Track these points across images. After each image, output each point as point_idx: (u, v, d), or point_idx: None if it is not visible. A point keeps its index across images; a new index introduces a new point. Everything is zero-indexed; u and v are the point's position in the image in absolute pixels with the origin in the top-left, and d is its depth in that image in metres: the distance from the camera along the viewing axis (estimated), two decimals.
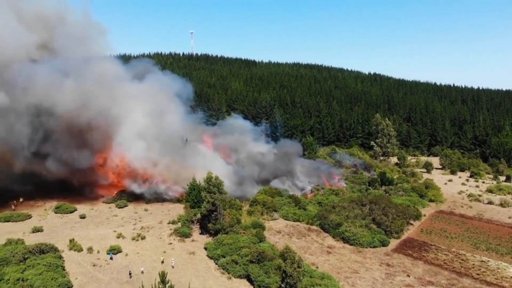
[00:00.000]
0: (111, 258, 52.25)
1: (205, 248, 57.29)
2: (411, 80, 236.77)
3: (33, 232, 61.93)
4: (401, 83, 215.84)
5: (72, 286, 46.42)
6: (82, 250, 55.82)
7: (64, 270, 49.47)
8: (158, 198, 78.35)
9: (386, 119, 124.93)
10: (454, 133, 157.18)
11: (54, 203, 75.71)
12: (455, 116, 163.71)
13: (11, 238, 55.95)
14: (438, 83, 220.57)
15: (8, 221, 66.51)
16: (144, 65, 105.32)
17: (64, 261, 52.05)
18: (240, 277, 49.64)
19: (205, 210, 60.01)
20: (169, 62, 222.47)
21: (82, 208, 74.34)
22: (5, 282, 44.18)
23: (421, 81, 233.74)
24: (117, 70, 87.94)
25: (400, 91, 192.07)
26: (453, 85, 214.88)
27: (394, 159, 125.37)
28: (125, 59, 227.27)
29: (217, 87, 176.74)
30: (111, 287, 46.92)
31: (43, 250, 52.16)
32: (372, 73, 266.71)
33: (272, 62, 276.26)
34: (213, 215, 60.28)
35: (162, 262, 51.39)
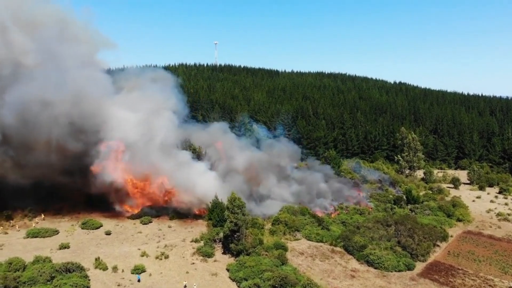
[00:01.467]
0: (138, 280, 52.68)
1: (227, 270, 57.31)
2: (437, 90, 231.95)
3: (60, 248, 63.34)
4: (427, 93, 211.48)
5: None
6: (107, 268, 56.71)
7: None
8: (181, 214, 78.93)
9: (412, 132, 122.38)
10: (482, 146, 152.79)
11: (80, 218, 77.65)
12: (484, 128, 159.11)
13: (39, 255, 57.21)
14: (465, 93, 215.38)
15: (36, 236, 68.26)
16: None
17: (89, 280, 53.05)
18: None
19: (228, 230, 60.13)
20: (193, 73, 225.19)
21: (107, 223, 75.71)
22: None
23: (448, 90, 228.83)
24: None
25: (426, 101, 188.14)
26: (481, 95, 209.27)
27: (420, 173, 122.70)
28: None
29: (240, 98, 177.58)
30: None
31: (69, 269, 53.26)
32: (397, 82, 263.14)
33: (295, 71, 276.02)
34: (235, 235, 60.33)
35: (185, 286, 51.46)
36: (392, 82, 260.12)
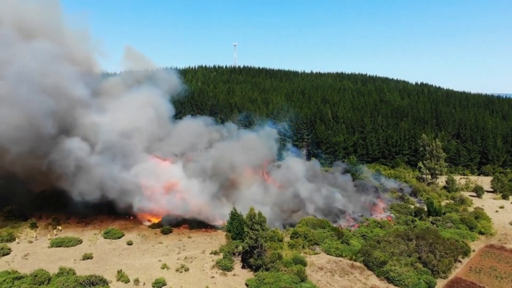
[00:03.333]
0: None
1: (247, 285, 57.72)
2: (460, 92, 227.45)
3: (84, 259, 64.80)
4: (450, 95, 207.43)
5: None
6: (129, 281, 57.84)
7: None
8: (201, 224, 79.78)
9: (437, 139, 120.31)
10: (506, 151, 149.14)
11: (103, 226, 79.46)
12: (508, 133, 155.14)
13: (63, 267, 58.73)
14: (489, 94, 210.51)
15: (60, 246, 69.99)
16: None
17: None
18: None
19: (248, 246, 60.50)
20: (212, 76, 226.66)
21: (129, 233, 77.08)
22: None
23: (472, 91, 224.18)
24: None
25: (449, 104, 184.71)
26: (506, 96, 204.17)
27: (442, 180, 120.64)
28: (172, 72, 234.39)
29: (259, 101, 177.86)
30: None
31: (92, 282, 54.58)
32: (419, 83, 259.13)
33: (315, 72, 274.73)
34: (255, 251, 60.68)
35: None
36: (414, 83, 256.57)
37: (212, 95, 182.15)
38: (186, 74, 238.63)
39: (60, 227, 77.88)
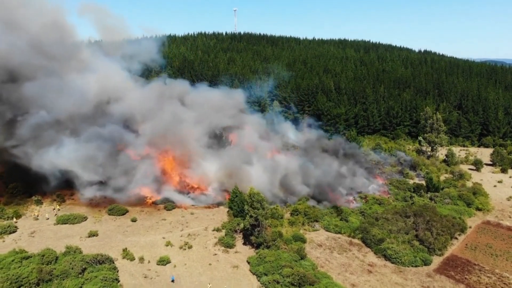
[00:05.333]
0: (172, 281, 54.40)
1: (248, 262, 59.56)
2: (464, 60, 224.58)
3: (89, 236, 66.65)
4: (453, 64, 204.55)
5: None
6: (134, 259, 59.69)
7: (118, 282, 53.59)
8: (203, 202, 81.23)
9: (438, 113, 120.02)
10: (507, 123, 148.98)
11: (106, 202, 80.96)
12: (510, 104, 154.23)
13: (69, 245, 60.39)
14: (494, 59, 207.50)
15: (65, 223, 71.64)
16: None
17: (118, 270, 56.18)
18: None
19: (248, 224, 61.97)
20: (212, 44, 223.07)
21: (133, 209, 78.49)
22: None
23: (476, 58, 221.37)
24: None
25: (452, 74, 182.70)
26: (509, 66, 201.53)
27: (442, 153, 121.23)
28: (171, 40, 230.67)
29: (260, 71, 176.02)
30: None
31: (99, 261, 56.36)
32: (422, 50, 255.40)
33: (317, 39, 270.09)
34: (256, 229, 62.18)
35: None
36: (417, 51, 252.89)
37: (212, 65, 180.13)
38: (185, 41, 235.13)
39: (58, 206, 78.29)
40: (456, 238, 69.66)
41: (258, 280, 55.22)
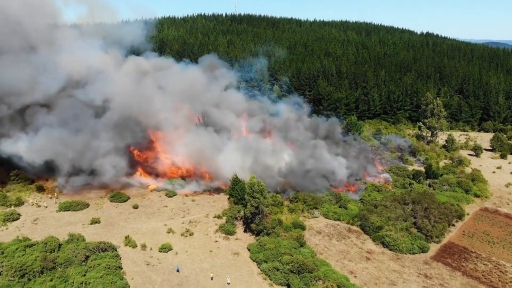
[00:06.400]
0: (177, 270, 55.18)
1: (248, 249, 60.55)
2: (466, 43, 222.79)
3: (91, 223, 67.43)
4: (455, 47, 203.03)
5: (129, 287, 51.43)
6: (136, 246, 60.64)
7: (121, 269, 54.66)
8: (205, 189, 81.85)
9: (438, 98, 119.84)
10: (508, 107, 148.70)
11: (108, 189, 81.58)
12: (511, 88, 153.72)
13: (72, 233, 61.27)
14: (495, 40, 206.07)
15: (68, 210, 72.28)
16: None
17: (121, 258, 57.21)
18: (281, 284, 52.76)
19: (249, 212, 62.73)
20: (212, 26, 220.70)
21: (134, 196, 79.20)
22: (70, 285, 49.66)
23: (477, 40, 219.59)
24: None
25: (454, 57, 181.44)
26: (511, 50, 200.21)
27: (442, 138, 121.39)
28: (170, 22, 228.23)
29: (260, 54, 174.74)
30: None
31: (102, 248, 57.31)
32: (424, 33, 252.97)
33: (318, 20, 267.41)
34: (256, 217, 62.98)
35: (212, 278, 53.68)
36: (419, 33, 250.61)
37: (212, 48, 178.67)
38: (185, 23, 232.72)
39: (56, 194, 78.19)
40: (454, 225, 70.57)
41: (258, 267, 56.32)
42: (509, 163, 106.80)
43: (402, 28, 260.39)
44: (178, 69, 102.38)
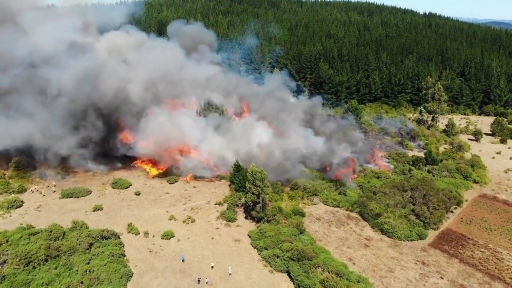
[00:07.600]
0: (183, 260, 55.72)
1: (249, 236, 61.58)
2: (468, 24, 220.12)
3: (94, 210, 68.35)
4: (457, 28, 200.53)
5: (133, 274, 52.64)
6: (139, 233, 61.69)
7: (124, 256, 55.76)
8: (205, 176, 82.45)
9: (439, 83, 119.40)
10: (509, 91, 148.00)
11: (109, 175, 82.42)
12: None
13: (76, 220, 62.24)
14: (498, 20, 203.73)
15: (70, 197, 73.13)
16: None
17: (124, 245, 58.26)
18: (281, 271, 53.92)
19: (250, 201, 63.49)
20: (212, 6, 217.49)
21: (136, 182, 79.98)
22: (74, 272, 50.76)
23: (480, 20, 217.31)
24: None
25: (456, 39, 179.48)
26: None
27: (442, 123, 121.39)
28: (169, 2, 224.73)
29: (261, 36, 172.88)
30: (165, 276, 52.63)
31: (105, 236, 58.25)
32: (427, 13, 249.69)
33: (320, 0, 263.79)
34: (257, 205, 63.78)
35: (212, 267, 54.45)
36: (422, 14, 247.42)
37: (211, 29, 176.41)
38: (184, 3, 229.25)
39: (54, 183, 78.08)
40: (452, 212, 71.44)
41: (259, 254, 57.42)
42: (509, 148, 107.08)
43: (405, 9, 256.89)
44: (150, 45, 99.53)
